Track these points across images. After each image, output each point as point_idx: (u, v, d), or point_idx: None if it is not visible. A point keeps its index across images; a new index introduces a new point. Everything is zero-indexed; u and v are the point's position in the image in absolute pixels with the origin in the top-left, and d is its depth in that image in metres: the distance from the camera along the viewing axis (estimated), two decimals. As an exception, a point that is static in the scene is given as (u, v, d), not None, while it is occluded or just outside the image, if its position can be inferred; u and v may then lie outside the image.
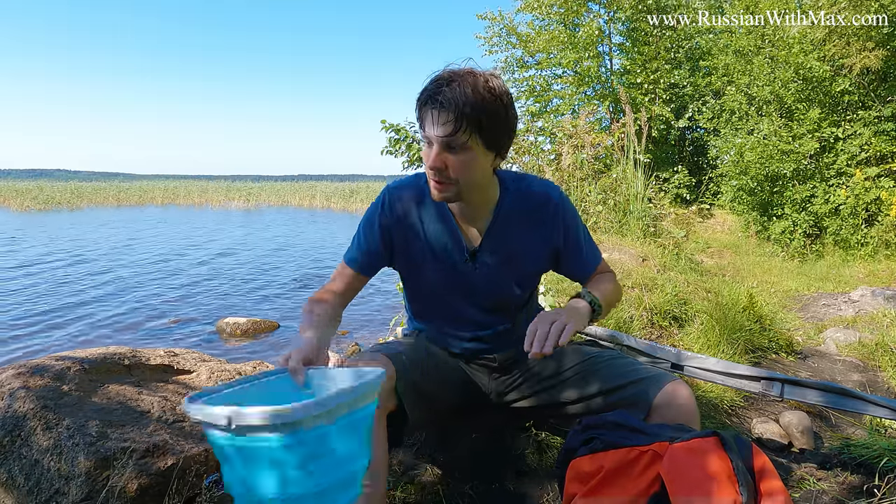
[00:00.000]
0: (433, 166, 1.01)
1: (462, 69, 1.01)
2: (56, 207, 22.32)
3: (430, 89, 0.99)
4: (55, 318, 5.24)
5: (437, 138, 0.99)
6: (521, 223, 1.16)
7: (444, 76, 0.99)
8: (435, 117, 0.98)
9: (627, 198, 4.69)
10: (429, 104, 0.99)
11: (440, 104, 0.96)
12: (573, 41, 10.32)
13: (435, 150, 1.00)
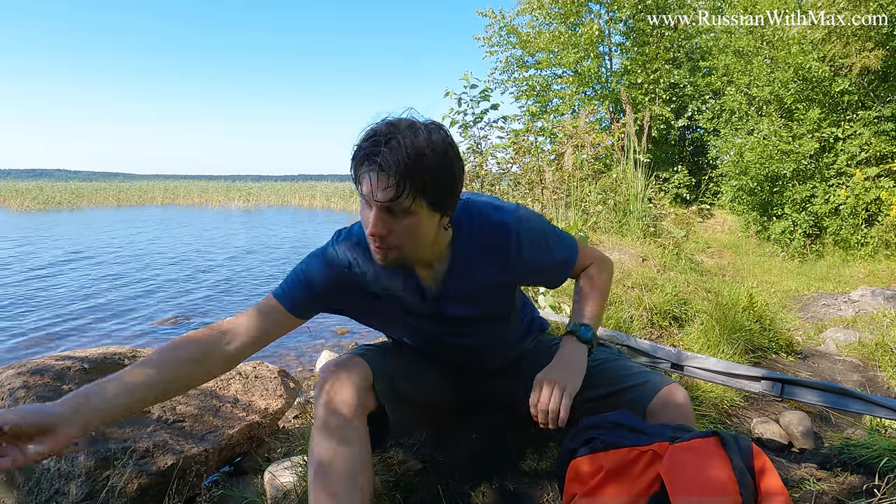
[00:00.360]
0: (374, 233, 0.91)
1: (401, 122, 0.89)
2: (56, 207, 22.32)
3: (366, 148, 0.87)
4: (55, 318, 5.23)
5: (377, 203, 0.88)
6: (481, 259, 1.06)
7: (382, 131, 0.87)
8: (373, 180, 0.87)
9: (627, 198, 4.69)
10: (366, 165, 0.87)
11: (379, 166, 0.85)
12: (573, 41, 10.33)
13: (375, 215, 0.90)
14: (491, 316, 1.17)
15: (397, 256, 0.96)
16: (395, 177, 0.85)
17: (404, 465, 1.47)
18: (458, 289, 1.08)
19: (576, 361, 1.08)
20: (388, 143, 0.86)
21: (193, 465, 1.59)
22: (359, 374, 1.04)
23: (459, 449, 1.49)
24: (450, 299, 1.09)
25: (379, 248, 0.95)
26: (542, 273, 1.17)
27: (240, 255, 9.63)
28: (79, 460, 1.44)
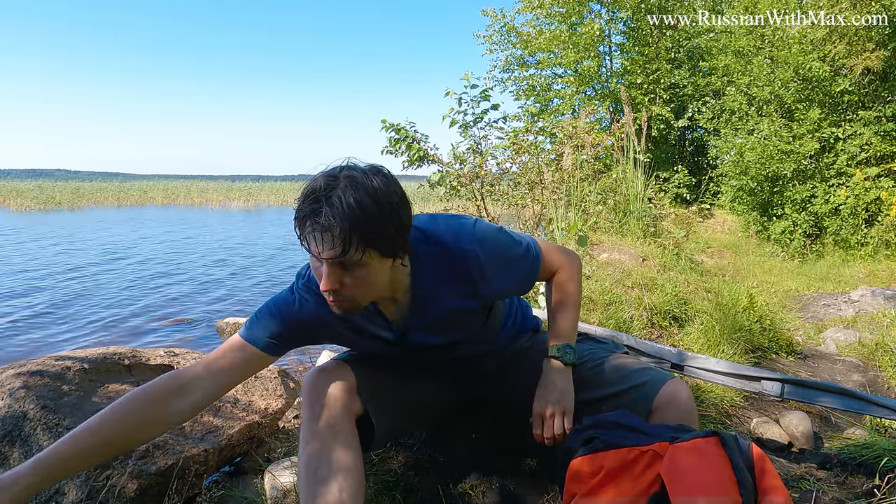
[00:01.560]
0: (327, 289, 0.89)
1: (340, 175, 0.86)
2: (56, 207, 22.32)
3: (307, 208, 0.84)
4: (54, 319, 5.24)
5: (326, 260, 0.87)
6: (444, 289, 1.04)
7: (320, 187, 0.85)
8: (318, 240, 0.85)
9: (627, 198, 4.69)
10: (309, 226, 0.85)
11: (322, 227, 0.83)
12: (573, 41, 10.33)
13: (325, 272, 0.88)
14: (467, 338, 1.15)
15: (353, 306, 0.95)
16: (339, 235, 0.83)
17: (404, 465, 1.47)
18: (425, 320, 1.07)
19: (564, 384, 1.13)
20: (329, 201, 0.83)
21: (193, 465, 1.59)
22: (343, 379, 1.05)
23: (459, 449, 1.49)
24: (420, 330, 1.08)
25: (334, 302, 0.93)
26: (510, 290, 1.17)
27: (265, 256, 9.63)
28: (79, 460, 1.45)
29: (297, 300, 1.05)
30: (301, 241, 0.88)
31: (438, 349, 1.14)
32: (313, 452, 0.99)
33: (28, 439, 1.50)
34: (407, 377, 1.19)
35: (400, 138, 4.18)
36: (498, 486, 1.37)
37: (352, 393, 1.05)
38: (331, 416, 1.00)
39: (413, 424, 1.37)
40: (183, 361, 2.13)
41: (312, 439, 0.99)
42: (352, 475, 0.98)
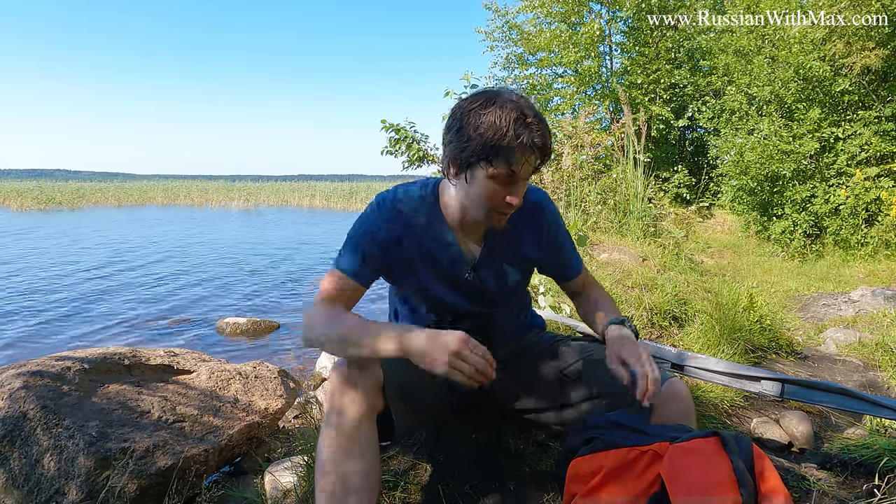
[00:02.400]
0: (519, 203, 1.03)
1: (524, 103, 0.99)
2: (56, 208, 22.32)
3: (527, 133, 0.97)
4: (53, 319, 5.24)
5: (527, 177, 1.02)
6: (515, 231, 1.16)
7: (532, 114, 0.98)
8: (530, 159, 0.99)
9: (627, 198, 4.70)
10: (530, 147, 0.97)
11: (539, 148, 0.98)
12: (574, 40, 10.32)
13: (521, 189, 1.03)
14: (513, 293, 1.25)
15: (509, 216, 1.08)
16: (545, 155, 1.01)
17: (404, 465, 1.47)
18: (494, 258, 1.18)
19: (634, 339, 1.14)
20: (539, 126, 0.98)
21: (193, 466, 1.59)
22: (370, 375, 1.04)
23: (459, 449, 1.49)
24: (485, 268, 1.18)
25: (505, 216, 1.06)
26: (561, 259, 1.28)
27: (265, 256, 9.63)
28: (79, 460, 1.44)
29: (387, 210, 1.13)
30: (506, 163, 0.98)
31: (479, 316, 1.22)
32: (334, 451, 0.98)
33: (28, 439, 1.50)
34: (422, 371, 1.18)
35: (400, 138, 4.18)
36: (498, 485, 1.37)
37: (377, 391, 1.04)
38: (355, 414, 1.00)
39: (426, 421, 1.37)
40: (183, 361, 2.13)
41: (334, 437, 0.99)
42: (370, 476, 0.99)
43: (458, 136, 1.00)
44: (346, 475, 0.97)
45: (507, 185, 1.02)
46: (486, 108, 0.98)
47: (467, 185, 1.04)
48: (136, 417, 1.66)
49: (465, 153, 1.00)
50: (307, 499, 1.37)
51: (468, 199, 1.06)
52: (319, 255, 9.77)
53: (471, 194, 1.05)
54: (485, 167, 0.99)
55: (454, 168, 1.05)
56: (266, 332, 4.87)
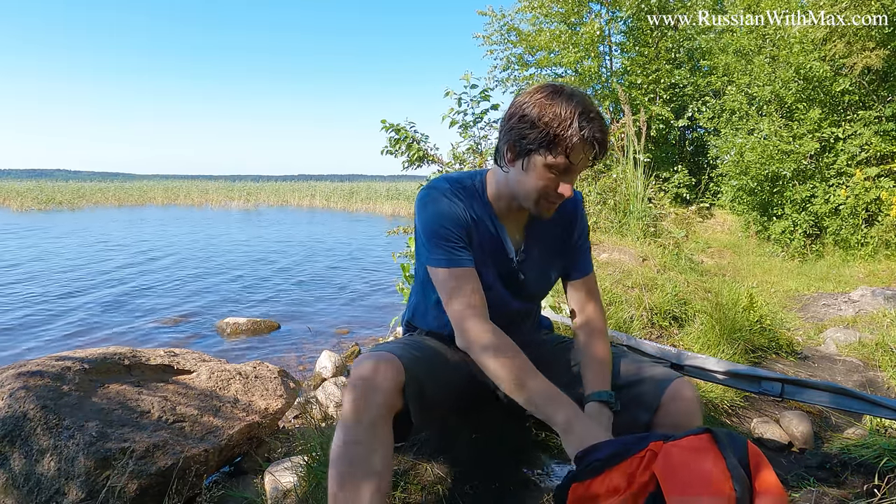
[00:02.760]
0: (570, 196, 1.08)
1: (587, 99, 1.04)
2: (56, 208, 22.32)
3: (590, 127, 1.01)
4: (53, 319, 5.24)
5: (582, 170, 1.07)
6: (553, 224, 1.22)
7: (595, 110, 1.03)
8: (589, 152, 1.03)
9: (627, 198, 4.69)
10: (591, 142, 1.02)
11: (600, 143, 1.03)
12: (573, 41, 10.32)
13: (572, 181, 1.08)
14: (548, 286, 1.31)
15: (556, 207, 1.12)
16: (604, 150, 1.05)
17: (404, 465, 1.47)
18: (534, 250, 1.23)
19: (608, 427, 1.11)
20: (599, 119, 1.02)
21: (193, 466, 1.59)
22: (393, 375, 1.02)
23: (459, 449, 1.49)
24: (527, 259, 1.22)
25: (554, 205, 1.11)
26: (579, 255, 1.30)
27: (265, 256, 9.63)
28: (79, 460, 1.44)
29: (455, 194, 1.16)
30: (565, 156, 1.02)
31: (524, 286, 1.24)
32: (351, 449, 0.98)
33: (28, 439, 1.50)
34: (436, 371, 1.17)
35: (400, 138, 4.17)
36: (498, 486, 1.37)
37: (398, 392, 1.03)
38: (376, 412, 0.99)
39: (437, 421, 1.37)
40: (183, 361, 2.14)
41: (352, 435, 0.98)
42: (384, 477, 0.99)
43: (521, 122, 1.04)
44: (359, 475, 0.96)
45: (561, 176, 1.06)
46: (553, 99, 1.02)
47: (523, 171, 1.08)
48: (136, 417, 1.66)
49: (526, 140, 1.04)
50: (307, 499, 1.37)
51: (521, 185, 1.10)
52: (321, 255, 9.77)
53: (525, 181, 1.09)
54: (544, 155, 1.04)
55: (511, 154, 1.09)
56: (266, 332, 4.87)
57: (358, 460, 0.97)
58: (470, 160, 4.26)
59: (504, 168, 1.12)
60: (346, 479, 0.97)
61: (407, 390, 1.04)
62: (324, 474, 1.36)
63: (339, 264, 8.84)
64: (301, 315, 5.45)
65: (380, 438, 0.99)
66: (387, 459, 1.00)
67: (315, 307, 5.79)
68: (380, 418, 0.99)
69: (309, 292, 6.62)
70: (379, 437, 0.99)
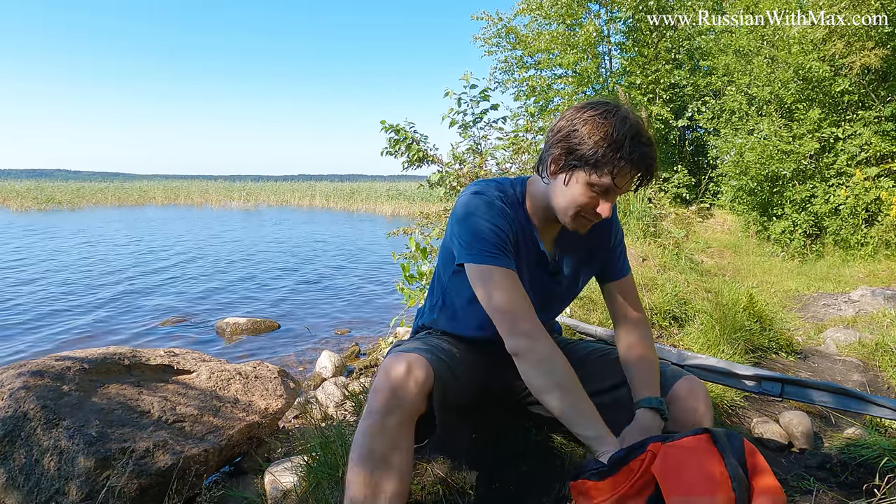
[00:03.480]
0: (608, 215, 1.06)
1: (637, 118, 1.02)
2: (56, 208, 22.32)
3: (640, 152, 1.00)
4: (53, 319, 5.24)
5: (624, 191, 1.05)
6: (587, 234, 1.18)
7: (643, 132, 1.02)
8: (634, 176, 1.03)
9: (627, 198, 4.69)
10: (638, 165, 1.01)
11: (647, 168, 1.02)
12: (571, 42, 10.32)
13: (612, 201, 1.06)
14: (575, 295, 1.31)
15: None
16: (650, 177, 1.04)
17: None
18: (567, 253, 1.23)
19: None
20: (650, 146, 1.01)
21: (193, 465, 1.59)
22: (423, 379, 1.00)
23: (459, 449, 1.49)
24: (561, 267, 1.23)
25: (591, 223, 1.10)
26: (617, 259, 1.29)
27: (265, 256, 9.63)
28: (79, 460, 1.44)
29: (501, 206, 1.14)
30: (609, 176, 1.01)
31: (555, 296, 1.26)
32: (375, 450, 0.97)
33: (28, 439, 1.50)
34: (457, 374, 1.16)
35: (399, 139, 4.18)
36: (498, 486, 1.37)
37: (426, 396, 1.01)
38: (402, 415, 0.98)
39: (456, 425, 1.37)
40: (183, 361, 2.13)
41: (379, 434, 0.97)
42: (405, 479, 0.98)
43: (571, 137, 1.03)
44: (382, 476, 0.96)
45: (603, 195, 1.05)
46: (607, 118, 1.01)
47: (565, 186, 1.06)
48: (136, 417, 1.66)
49: (573, 155, 1.03)
50: (307, 499, 1.37)
51: (560, 199, 1.08)
52: (321, 255, 9.77)
53: (565, 195, 1.07)
54: (589, 173, 1.02)
55: (556, 166, 1.07)
56: (266, 332, 4.87)
57: (380, 464, 0.96)
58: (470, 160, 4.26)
59: (545, 179, 1.11)
60: (367, 483, 0.96)
61: (434, 395, 1.03)
62: (324, 474, 1.36)
63: (339, 264, 8.84)
64: (301, 315, 5.45)
65: (403, 442, 0.98)
66: (408, 464, 0.99)
67: (315, 307, 5.80)
68: (405, 422, 0.99)
69: (309, 292, 6.62)
70: (402, 441, 0.98)
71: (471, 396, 1.25)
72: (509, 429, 1.52)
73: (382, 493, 0.95)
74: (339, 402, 2.79)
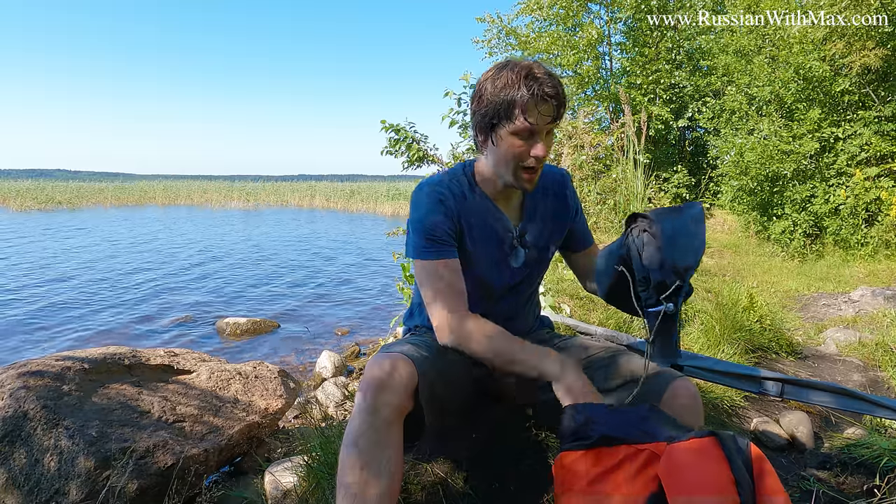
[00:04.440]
0: (543, 155, 1.11)
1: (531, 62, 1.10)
2: (56, 207, 22.32)
3: (534, 83, 1.06)
4: (53, 319, 5.24)
5: (547, 128, 1.10)
6: (546, 200, 1.29)
7: (540, 70, 1.08)
8: (545, 109, 1.08)
9: (627, 198, 4.70)
10: (541, 98, 1.06)
11: (551, 97, 1.07)
12: (572, 43, 10.32)
13: (542, 142, 1.11)
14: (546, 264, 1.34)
15: (536, 178, 1.16)
16: (562, 101, 1.09)
17: (404, 465, 1.47)
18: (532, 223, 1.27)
19: None
20: (551, 78, 1.07)
21: (193, 466, 1.59)
22: (407, 376, 1.02)
23: (459, 449, 1.49)
24: (528, 233, 1.26)
25: (533, 175, 1.15)
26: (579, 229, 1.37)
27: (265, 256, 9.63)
28: (79, 460, 1.44)
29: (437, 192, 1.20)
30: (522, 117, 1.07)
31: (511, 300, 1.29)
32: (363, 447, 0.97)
33: (28, 439, 1.50)
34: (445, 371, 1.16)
35: (399, 139, 4.18)
36: (498, 485, 1.37)
37: (411, 393, 1.03)
38: (389, 413, 0.99)
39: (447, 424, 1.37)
40: (183, 361, 2.14)
41: (366, 433, 0.98)
42: (395, 478, 0.99)
43: (479, 103, 1.12)
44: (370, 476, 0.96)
45: (529, 139, 1.11)
46: (500, 72, 1.10)
47: (496, 147, 1.13)
48: (136, 417, 1.66)
49: (486, 117, 1.11)
50: (307, 499, 1.37)
51: (498, 161, 1.15)
52: (321, 255, 9.77)
53: (500, 155, 1.14)
54: (506, 125, 1.09)
55: (482, 135, 1.15)
56: (266, 332, 4.87)
57: (369, 463, 0.97)
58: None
59: (484, 154, 1.18)
60: (357, 481, 0.96)
61: (420, 392, 1.04)
62: (324, 474, 1.36)
63: (339, 264, 8.84)
64: (301, 315, 5.45)
65: (392, 440, 0.99)
66: (398, 461, 1.00)
67: (315, 307, 5.80)
68: (393, 419, 0.99)
69: (309, 292, 6.62)
70: (391, 440, 0.99)
71: (464, 394, 1.25)
72: (509, 429, 1.52)
73: (372, 491, 0.95)
74: (339, 402, 2.79)
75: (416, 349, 1.14)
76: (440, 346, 1.23)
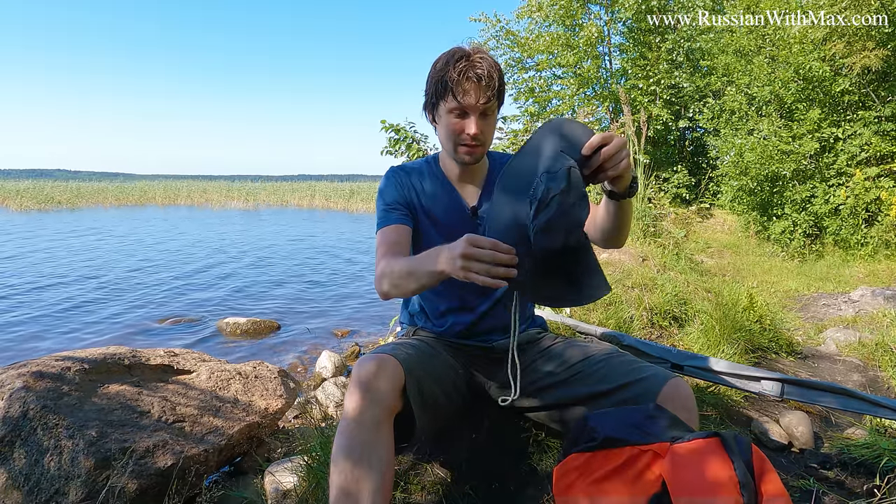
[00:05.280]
0: (476, 133, 1.17)
1: (475, 47, 1.17)
2: (56, 207, 22.32)
3: (465, 64, 1.13)
4: (53, 319, 5.24)
5: (478, 107, 1.15)
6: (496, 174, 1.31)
7: (471, 52, 1.15)
8: (474, 88, 1.13)
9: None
10: (469, 78, 1.12)
11: (479, 77, 1.12)
12: (572, 44, 10.32)
13: (475, 120, 1.16)
14: None
15: (481, 153, 1.23)
16: (496, 81, 1.14)
17: (404, 465, 1.47)
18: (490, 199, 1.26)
19: None
20: (482, 59, 1.14)
21: (193, 465, 1.59)
22: (393, 376, 1.03)
23: (459, 449, 1.49)
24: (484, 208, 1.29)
25: (473, 148, 1.20)
26: None
27: (265, 257, 9.63)
28: (79, 460, 1.44)
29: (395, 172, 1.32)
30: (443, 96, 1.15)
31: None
32: (353, 448, 0.98)
33: (28, 439, 1.50)
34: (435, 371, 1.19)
35: (400, 138, 4.18)
36: (498, 485, 1.37)
37: (399, 392, 1.04)
38: (377, 413, 1.00)
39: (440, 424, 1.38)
40: (183, 361, 2.14)
41: (356, 433, 0.99)
42: (386, 477, 0.99)
43: (427, 84, 1.20)
44: (361, 476, 0.97)
45: (463, 117, 1.18)
46: (441, 55, 1.18)
47: (439, 125, 1.22)
48: (136, 417, 1.66)
49: (429, 95, 1.20)
50: (307, 499, 1.37)
51: (442, 138, 1.23)
52: (321, 256, 9.77)
53: (442, 133, 1.23)
54: (443, 104, 1.17)
55: (430, 115, 1.24)
56: (266, 332, 4.87)
57: (360, 461, 0.97)
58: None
59: (436, 133, 1.26)
60: (348, 480, 0.97)
61: (408, 391, 1.05)
62: (324, 474, 1.36)
63: (339, 264, 8.84)
64: (301, 315, 5.45)
65: (381, 439, 1.00)
66: (388, 460, 1.00)
67: (315, 307, 5.79)
68: (382, 419, 1.00)
69: (309, 292, 6.62)
70: (381, 438, 1.00)
71: (456, 394, 1.25)
72: (509, 429, 1.52)
73: (364, 490, 0.96)
74: (339, 402, 2.79)
75: (402, 349, 1.15)
76: (430, 346, 1.25)
